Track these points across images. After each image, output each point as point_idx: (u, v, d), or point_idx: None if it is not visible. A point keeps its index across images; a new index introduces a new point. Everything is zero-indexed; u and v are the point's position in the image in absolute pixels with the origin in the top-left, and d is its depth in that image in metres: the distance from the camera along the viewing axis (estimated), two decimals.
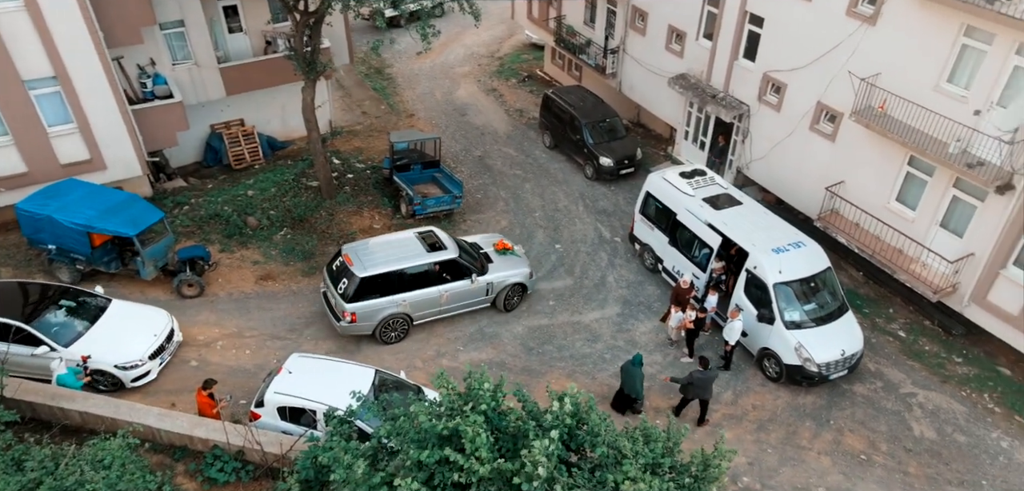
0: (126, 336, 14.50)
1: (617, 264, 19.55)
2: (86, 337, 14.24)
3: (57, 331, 14.11)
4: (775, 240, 16.01)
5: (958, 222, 15.86)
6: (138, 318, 15.08)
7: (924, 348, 16.46)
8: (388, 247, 16.56)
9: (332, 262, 16.58)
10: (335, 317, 15.98)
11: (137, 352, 14.38)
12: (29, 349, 13.75)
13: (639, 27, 24.06)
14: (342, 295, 15.65)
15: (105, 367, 14.05)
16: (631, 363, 14.18)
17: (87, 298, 15.17)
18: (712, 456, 9.42)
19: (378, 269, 15.80)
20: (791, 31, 18.41)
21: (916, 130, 15.71)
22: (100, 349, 14.10)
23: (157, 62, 20.89)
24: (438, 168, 22.44)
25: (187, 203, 20.81)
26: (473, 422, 8.88)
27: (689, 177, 18.26)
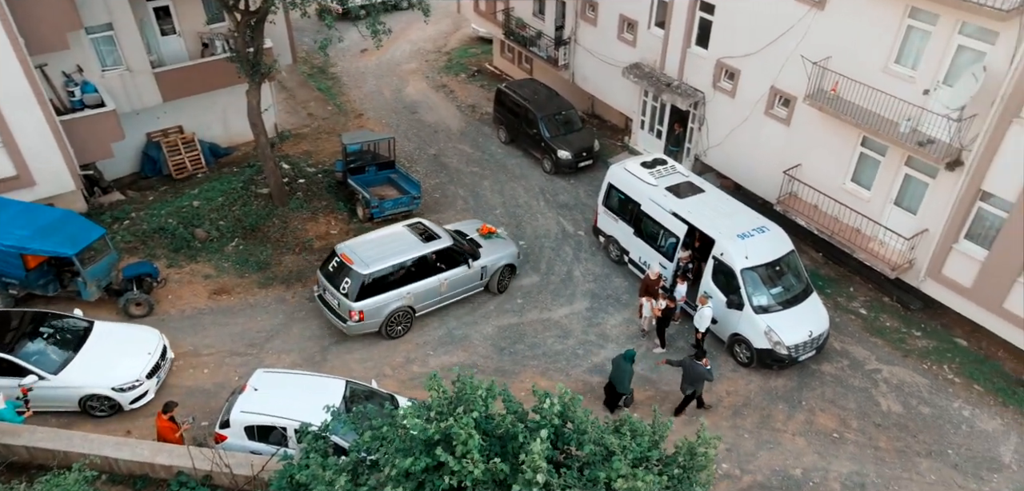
0: (118, 357, 14.10)
1: (582, 258, 19.72)
2: (75, 362, 13.77)
3: (40, 359, 13.58)
4: (740, 226, 16.43)
5: (911, 199, 16.61)
6: (126, 338, 14.65)
7: (885, 324, 17.19)
8: (383, 242, 16.73)
9: (327, 263, 16.45)
10: (340, 319, 15.96)
11: (134, 372, 13.98)
12: (15, 381, 13.12)
13: (590, 17, 24.28)
14: (346, 295, 15.68)
15: (101, 391, 13.65)
16: (623, 358, 14.30)
17: (67, 321, 14.63)
18: (696, 443, 9.59)
19: (381, 265, 15.96)
20: (742, 17, 18.90)
21: (868, 111, 16.37)
22: (93, 373, 13.70)
23: (85, 69, 19.95)
24: (393, 169, 22.16)
25: (127, 217, 19.95)
26: (466, 424, 8.81)
27: (650, 167, 18.55)
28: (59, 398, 13.61)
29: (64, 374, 13.60)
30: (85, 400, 13.74)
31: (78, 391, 13.66)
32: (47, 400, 13.51)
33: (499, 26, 29.02)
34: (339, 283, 15.86)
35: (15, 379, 13.22)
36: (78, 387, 13.61)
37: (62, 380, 13.53)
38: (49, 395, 13.47)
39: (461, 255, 17.15)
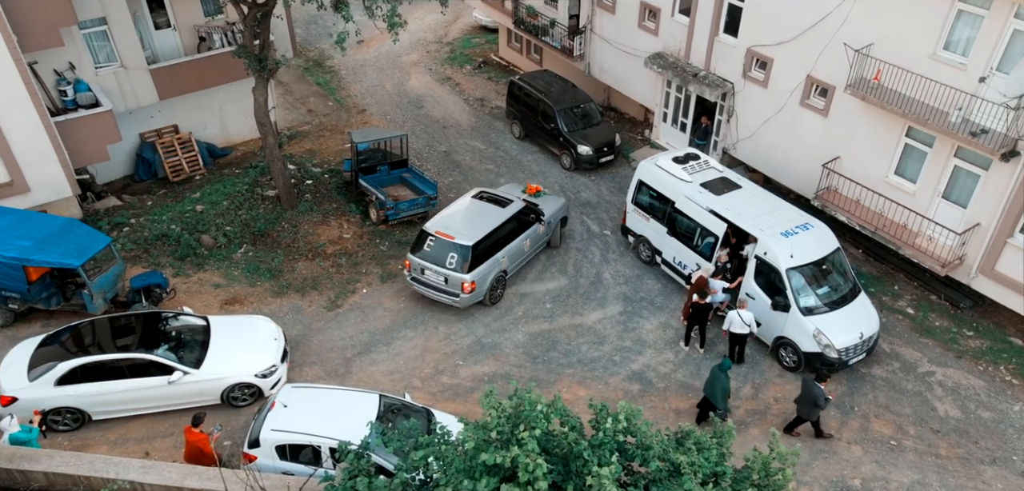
0: (248, 345, 14.82)
1: (611, 259, 19.65)
2: (211, 355, 14.39)
3: (184, 356, 14.27)
4: (783, 223, 16.43)
5: (961, 193, 16.67)
6: (243, 326, 15.37)
7: (935, 324, 17.25)
8: (467, 214, 18.03)
9: (420, 245, 17.32)
10: (449, 295, 17.08)
11: (269, 358, 14.67)
12: (158, 380, 13.86)
13: (607, 5, 24.20)
14: (456, 269, 16.77)
15: (245, 378, 14.34)
16: (718, 368, 14.10)
17: (183, 317, 15.24)
18: (770, 458, 9.50)
19: (480, 234, 17.21)
20: (775, 3, 18.88)
21: (914, 100, 16.40)
22: (232, 363, 14.41)
23: (77, 66, 19.67)
24: (407, 168, 21.99)
25: (127, 224, 19.68)
26: (530, 449, 8.69)
27: (683, 162, 18.51)
28: (204, 392, 14.25)
29: (206, 367, 14.20)
30: (228, 390, 14.38)
31: (222, 382, 14.28)
32: (192, 395, 14.15)
33: (507, 14, 28.87)
34: (444, 260, 16.86)
35: (154, 378, 13.85)
36: (222, 378, 14.28)
37: (205, 373, 14.16)
38: (194, 389, 14.12)
39: (532, 215, 18.74)
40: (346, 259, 19.25)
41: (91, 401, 13.76)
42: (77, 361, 13.57)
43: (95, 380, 13.63)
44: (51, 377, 13.51)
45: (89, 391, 13.65)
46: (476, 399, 15.21)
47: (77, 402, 13.70)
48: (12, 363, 13.90)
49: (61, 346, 14.02)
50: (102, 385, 13.67)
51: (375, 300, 17.94)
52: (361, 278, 18.63)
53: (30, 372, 13.59)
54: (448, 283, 16.98)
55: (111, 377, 13.71)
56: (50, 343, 14.18)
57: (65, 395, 13.58)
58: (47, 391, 13.49)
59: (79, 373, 13.55)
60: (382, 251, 19.74)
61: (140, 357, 13.79)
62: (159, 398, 14.08)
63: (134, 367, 13.79)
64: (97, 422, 14.06)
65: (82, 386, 13.62)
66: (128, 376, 13.78)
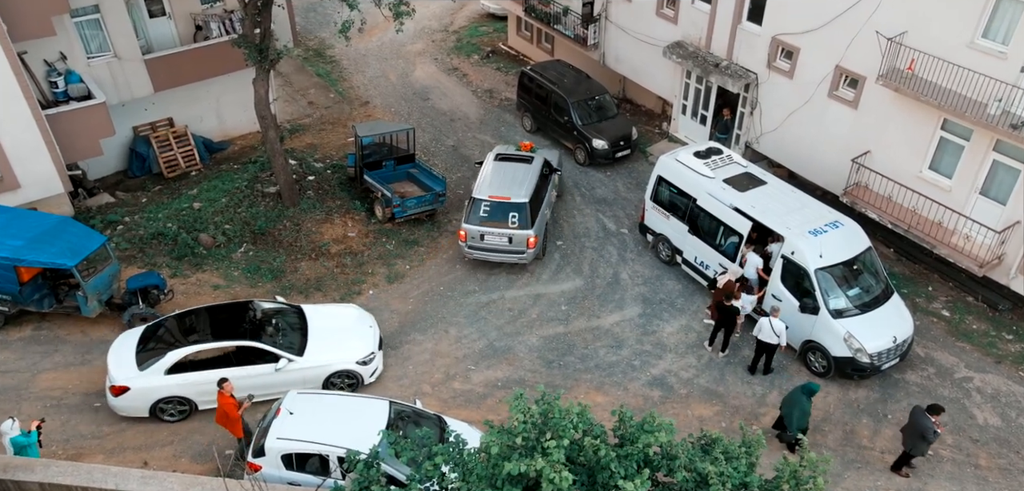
0: (346, 333, 15.48)
1: (629, 258, 19.61)
2: (312, 343, 14.97)
3: (287, 344, 14.84)
4: (811, 221, 16.36)
5: (1000, 189, 16.56)
6: (336, 314, 16.03)
7: (972, 327, 17.17)
8: (504, 175, 19.33)
9: (474, 213, 18.53)
10: (515, 254, 18.58)
11: (368, 345, 15.30)
12: (265, 367, 14.47)
13: None
14: (521, 226, 18.28)
15: (347, 366, 14.95)
16: (801, 390, 13.67)
17: (277, 305, 15.88)
18: (801, 466, 9.45)
19: (531, 188, 18.83)
20: None
21: (950, 91, 16.31)
22: (333, 350, 15.00)
23: (69, 57, 19.70)
24: (414, 163, 21.98)
25: (120, 222, 19.73)
26: (556, 460, 8.66)
27: (705, 157, 18.45)
28: (307, 379, 14.78)
29: (309, 355, 14.80)
30: (330, 378, 14.92)
31: (325, 369, 14.87)
32: (295, 383, 14.56)
33: (517, 2, 28.83)
34: (505, 220, 18.30)
35: (261, 366, 14.46)
36: (324, 366, 14.87)
37: (308, 361, 14.74)
38: (297, 377, 14.65)
39: (548, 167, 20.44)
40: (351, 259, 19.26)
41: (199, 389, 14.32)
42: (188, 349, 14.23)
43: (203, 369, 14.26)
44: (161, 366, 14.12)
45: (198, 379, 14.26)
46: (490, 406, 15.21)
47: (186, 391, 14.30)
48: (119, 354, 14.50)
49: (164, 336, 14.68)
50: (211, 373, 14.20)
51: (382, 302, 17.94)
52: (367, 279, 18.64)
53: (139, 362, 14.18)
54: (512, 242, 18.44)
55: (218, 366, 14.32)
56: (153, 333, 14.83)
57: (175, 383, 14.19)
58: (157, 380, 14.10)
59: (188, 362, 14.21)
60: (388, 250, 19.73)
61: (248, 345, 14.41)
62: (265, 386, 14.57)
63: (239, 355, 14.42)
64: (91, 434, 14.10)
65: (192, 374, 14.25)
66: (234, 364, 14.37)
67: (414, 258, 19.58)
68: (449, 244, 20.15)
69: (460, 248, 18.99)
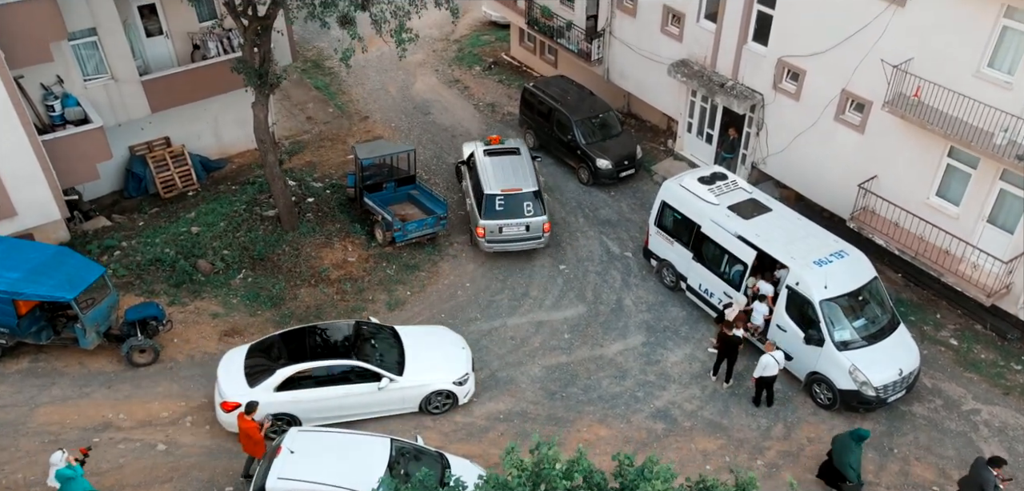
0: (442, 353, 16.39)
1: (632, 284, 19.96)
2: (410, 363, 15.83)
3: (387, 364, 15.69)
4: (816, 250, 16.69)
5: (1008, 217, 16.88)
6: (431, 335, 16.95)
7: (980, 357, 17.48)
8: (506, 168, 21.00)
9: (490, 208, 20.04)
10: (533, 239, 20.44)
11: (464, 365, 16.20)
12: (369, 386, 15.37)
13: (628, 8, 24.48)
14: (535, 213, 20.20)
15: (444, 386, 15.81)
16: (850, 436, 13.83)
17: (372, 325, 16.84)
18: None
19: (533, 175, 20.87)
20: (808, 12, 19.12)
21: (956, 119, 16.63)
22: (431, 370, 15.85)
23: (65, 80, 20.07)
24: (414, 184, 22.34)
25: (117, 247, 20.10)
26: None
27: (709, 183, 18.78)
28: (406, 399, 15.76)
29: (408, 375, 15.66)
30: (427, 398, 15.82)
31: (423, 389, 15.73)
32: (394, 402, 15.70)
33: (520, 13, 29.20)
34: (520, 210, 20.05)
35: (365, 385, 15.35)
36: (423, 385, 15.73)
37: (408, 381, 15.61)
38: (397, 396, 15.62)
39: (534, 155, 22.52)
40: (351, 285, 19.62)
41: (306, 407, 15.24)
42: (297, 367, 15.13)
43: (309, 386, 15.19)
44: (271, 383, 15.00)
45: (306, 397, 15.19)
46: (492, 439, 15.56)
47: (293, 408, 15.16)
48: (228, 372, 15.39)
49: (270, 354, 15.61)
50: (317, 391, 15.20)
51: None
52: (367, 306, 18.99)
53: (249, 379, 15.04)
54: (530, 230, 20.19)
55: (322, 384, 15.22)
56: (258, 351, 15.76)
57: (284, 400, 15.06)
58: (267, 396, 14.90)
59: (295, 380, 15.13)
60: (389, 276, 20.10)
61: (354, 364, 15.34)
62: (367, 405, 15.57)
63: (343, 374, 15.33)
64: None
65: (300, 391, 15.16)
66: (337, 383, 15.27)
67: (415, 283, 19.93)
68: (450, 269, 20.51)
69: (479, 244, 20.40)
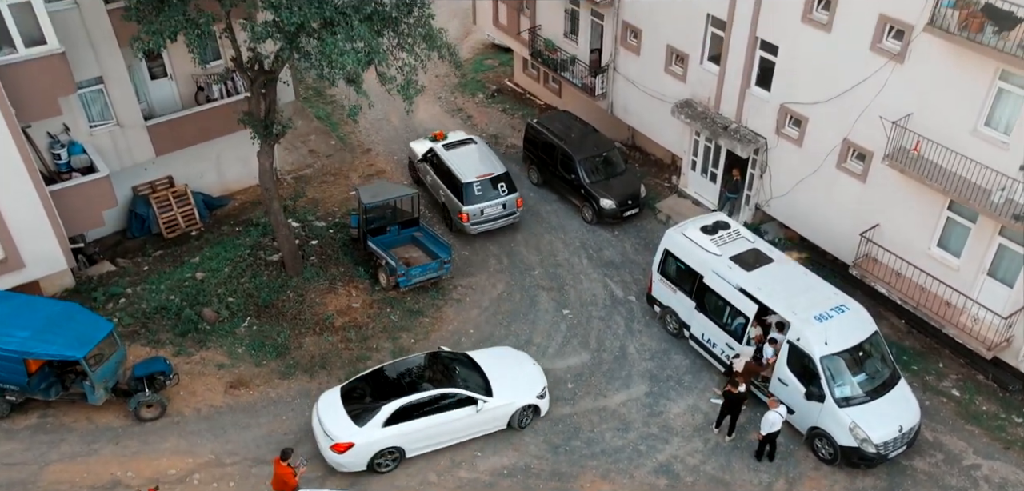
0: (518, 372, 18.14)
1: (636, 330, 20.60)
2: (495, 384, 17.45)
3: (476, 387, 17.27)
4: (816, 305, 17.30)
5: (1007, 271, 17.49)
6: (503, 357, 18.71)
7: (982, 409, 18.09)
8: (471, 156, 24.18)
9: (470, 195, 23.05)
10: (510, 215, 23.80)
11: (541, 379, 18.17)
12: (467, 410, 16.91)
13: (632, 45, 25.14)
14: (509, 191, 23.59)
15: (530, 401, 17.63)
16: None
17: (444, 352, 18.52)
18: None
19: (498, 159, 24.62)
20: (809, 63, 19.78)
21: (955, 175, 17.23)
22: (514, 388, 17.61)
23: (71, 127, 20.77)
24: (418, 226, 23.01)
25: (122, 294, 20.81)
26: None
27: (712, 232, 19.41)
28: (497, 417, 17.39)
29: (497, 395, 17.26)
30: (516, 414, 17.45)
31: (512, 406, 17.40)
32: (487, 423, 17.30)
33: (524, 44, 29.85)
34: (496, 192, 23.26)
35: (464, 409, 16.85)
36: (511, 403, 17.39)
37: (498, 400, 17.22)
38: (489, 417, 17.23)
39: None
40: (355, 332, 20.28)
41: (412, 438, 16.58)
42: (402, 400, 16.42)
43: (411, 419, 16.43)
44: (379, 420, 16.21)
45: (412, 429, 16.48)
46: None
47: (400, 441, 16.45)
48: (330, 415, 16.52)
49: (365, 393, 16.90)
50: (421, 421, 16.52)
51: None
52: (371, 355, 19.65)
53: (355, 419, 16.22)
54: (506, 207, 23.45)
55: (423, 415, 16.52)
56: (353, 391, 17.02)
57: (392, 435, 16.30)
58: (376, 433, 16.18)
59: (398, 414, 16.37)
60: (393, 322, 20.76)
61: (454, 391, 16.84)
62: (466, 428, 17.10)
63: (440, 402, 16.73)
64: None
65: (405, 424, 16.40)
66: (436, 411, 16.62)
67: (419, 330, 20.60)
68: (454, 315, 21.18)
69: (465, 228, 23.32)
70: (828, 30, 18.99)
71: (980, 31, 15.55)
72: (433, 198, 25.30)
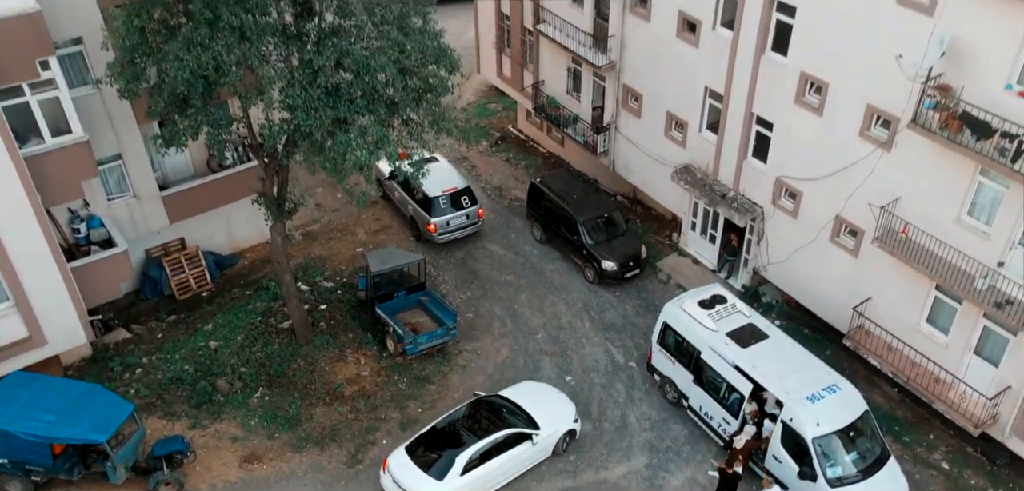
0: (552, 401, 20.45)
1: (636, 398, 21.71)
2: (538, 417, 19.57)
3: (524, 423, 19.40)
4: (809, 385, 18.39)
5: (993, 350, 18.56)
6: (532, 390, 20.90)
7: (970, 482, 19.14)
8: (436, 174, 26.03)
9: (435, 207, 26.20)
10: (473, 224, 27.08)
11: (570, 404, 20.59)
12: (525, 445, 19.14)
13: (633, 108, 26.27)
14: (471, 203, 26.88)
15: (570, 426, 20.05)
16: None
17: (491, 397, 20.59)
18: None
19: (463, 178, 28.15)
20: (803, 140, 20.87)
21: (941, 259, 18.29)
22: (554, 418, 19.85)
23: (90, 200, 21.92)
24: (424, 290, 24.15)
25: (139, 364, 21.98)
26: None
27: (709, 307, 20.51)
28: (546, 447, 19.64)
29: (543, 426, 19.42)
30: (560, 441, 19.79)
31: (557, 434, 19.71)
32: (538, 453, 19.50)
33: (527, 96, 30.97)
34: (460, 204, 26.52)
35: (523, 445, 19.01)
36: (555, 432, 19.70)
37: (545, 430, 19.42)
38: (541, 447, 19.47)
39: None
40: (364, 402, 21.43)
41: (485, 482, 18.53)
42: (473, 448, 18.35)
43: (480, 464, 18.32)
44: (457, 469, 18.02)
45: (484, 472, 18.44)
46: None
47: (477, 485, 18.31)
48: (405, 475, 18.13)
49: (430, 449, 18.61)
50: (490, 464, 18.50)
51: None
52: (380, 426, 20.79)
53: (435, 475, 17.90)
54: (469, 217, 26.62)
55: (487, 458, 18.44)
56: (417, 449, 18.67)
57: (470, 481, 18.16)
58: (456, 482, 17.98)
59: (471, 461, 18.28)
60: (401, 390, 21.89)
61: (517, 431, 19.03)
62: (524, 463, 19.29)
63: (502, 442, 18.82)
64: None
65: (478, 470, 18.31)
66: (499, 453, 18.62)
67: (426, 398, 21.73)
68: (460, 381, 22.30)
69: (433, 239, 26.16)
70: (819, 114, 20.11)
71: (960, 131, 16.63)
72: (401, 212, 28.11)
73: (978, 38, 16.21)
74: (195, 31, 16.25)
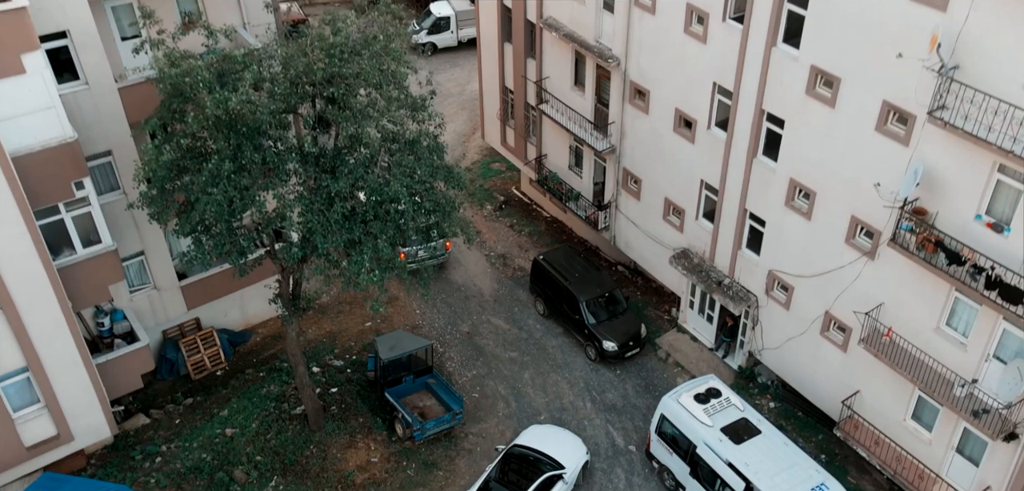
0: (563, 439, 23.39)
1: (635, 484, 23.26)
2: (558, 456, 22.38)
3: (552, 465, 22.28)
4: (798, 483, 19.97)
5: (974, 450, 20.09)
6: (541, 432, 23.69)
7: None
8: None
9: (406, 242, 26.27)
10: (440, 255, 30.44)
11: (577, 438, 23.70)
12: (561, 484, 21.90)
13: (632, 189, 27.88)
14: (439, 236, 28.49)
15: (584, 460, 23.00)
16: None
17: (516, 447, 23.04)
18: None
19: None
20: (793, 239, 22.47)
21: (923, 364, 19.85)
22: (570, 454, 22.69)
23: (114, 295, 23.56)
24: (431, 373, 25.74)
25: (157, 452, 23.57)
26: None
27: (704, 401, 22.09)
28: (570, 481, 22.28)
29: (565, 464, 22.23)
30: (579, 474, 22.72)
31: (577, 468, 22.50)
32: (569, 484, 22.18)
33: (531, 167, 32.55)
34: (430, 236, 28.72)
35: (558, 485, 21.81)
36: (576, 467, 22.51)
37: (568, 467, 22.23)
38: (569, 479, 22.15)
39: None
40: (375, 489, 22.99)
41: None
42: None
43: None
44: None
45: None
46: None
47: None
48: None
49: None
50: None
51: None
52: None
53: None
54: (437, 248, 29.84)
55: None
56: None
57: None
58: None
59: None
60: (409, 476, 23.47)
61: (556, 472, 21.91)
62: None
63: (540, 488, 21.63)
64: None
65: None
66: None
67: (434, 485, 23.30)
68: (466, 467, 23.86)
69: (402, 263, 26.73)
70: (808, 218, 21.70)
71: (935, 252, 18.20)
72: None
73: (950, 170, 17.82)
74: (220, 165, 17.85)
